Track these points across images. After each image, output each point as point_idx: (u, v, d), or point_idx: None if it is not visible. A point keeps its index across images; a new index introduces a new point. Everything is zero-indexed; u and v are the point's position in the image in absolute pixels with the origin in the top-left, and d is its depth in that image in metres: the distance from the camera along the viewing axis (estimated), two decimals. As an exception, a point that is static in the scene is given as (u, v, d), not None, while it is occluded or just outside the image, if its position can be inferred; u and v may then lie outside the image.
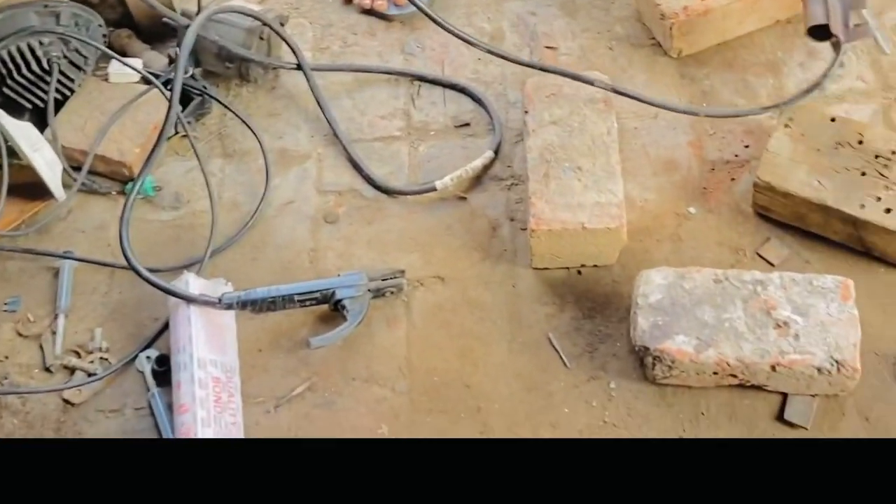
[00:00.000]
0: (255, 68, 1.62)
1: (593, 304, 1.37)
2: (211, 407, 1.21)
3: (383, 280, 1.39)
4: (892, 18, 1.59)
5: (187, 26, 1.51)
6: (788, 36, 1.59)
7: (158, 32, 1.67)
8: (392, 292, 1.39)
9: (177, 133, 1.57)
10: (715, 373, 1.26)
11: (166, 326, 1.37)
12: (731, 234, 1.41)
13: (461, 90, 1.61)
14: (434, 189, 1.49)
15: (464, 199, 1.49)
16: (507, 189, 1.49)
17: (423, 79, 1.63)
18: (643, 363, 1.28)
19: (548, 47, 1.65)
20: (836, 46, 1.43)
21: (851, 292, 1.27)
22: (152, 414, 1.31)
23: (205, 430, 1.18)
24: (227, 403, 1.25)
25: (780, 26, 1.61)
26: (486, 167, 1.52)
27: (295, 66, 1.59)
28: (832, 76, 1.45)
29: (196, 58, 1.61)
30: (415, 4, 1.56)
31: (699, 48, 1.60)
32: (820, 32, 1.39)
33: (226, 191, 1.53)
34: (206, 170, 1.51)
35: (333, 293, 1.37)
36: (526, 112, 1.49)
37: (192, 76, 1.61)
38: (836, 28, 1.37)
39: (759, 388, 1.26)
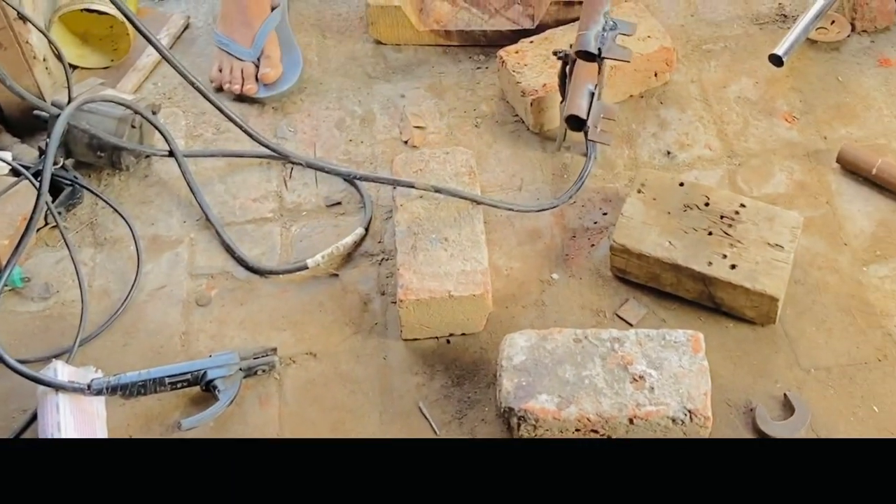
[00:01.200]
0: (127, 156, 1.64)
1: (462, 372, 1.40)
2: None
3: (255, 358, 1.40)
4: (734, 91, 1.70)
5: (58, 115, 1.54)
6: (641, 109, 1.69)
7: (29, 125, 1.68)
8: (264, 370, 1.40)
9: (47, 224, 1.58)
10: (577, 429, 1.29)
11: (34, 418, 1.36)
12: (592, 297, 1.47)
13: (332, 172, 1.66)
14: (306, 267, 1.51)
15: (335, 275, 1.52)
16: (377, 264, 1.53)
17: (295, 163, 1.67)
18: (509, 425, 1.31)
19: (416, 127, 1.71)
20: (587, 138, 1.56)
21: (702, 345, 1.32)
22: (17, 507, 1.28)
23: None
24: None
25: (633, 100, 1.70)
26: (357, 244, 1.55)
27: (167, 153, 1.62)
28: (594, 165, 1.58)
29: (67, 148, 1.63)
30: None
31: (559, 123, 1.68)
32: (575, 123, 1.52)
33: (97, 279, 1.53)
34: (77, 259, 1.51)
35: (205, 374, 1.37)
36: (394, 188, 1.54)
37: (63, 166, 1.62)
38: (590, 124, 1.52)
39: (620, 442, 1.30)
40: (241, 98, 1.76)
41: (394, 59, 1.81)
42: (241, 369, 1.39)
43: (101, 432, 1.34)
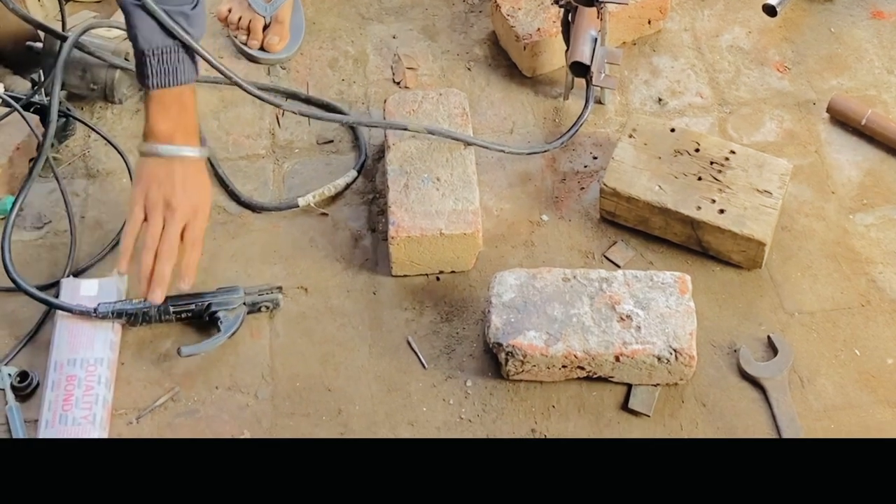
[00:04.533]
0: (120, 89, 1.63)
1: (451, 309, 1.42)
2: (59, 407, 1.22)
3: (259, 295, 1.41)
4: (727, 40, 1.71)
5: (63, 39, 1.53)
6: (634, 56, 1.69)
7: (21, 58, 1.67)
8: (268, 307, 1.41)
9: (39, 155, 1.58)
10: (564, 366, 1.31)
11: (28, 341, 1.39)
12: (581, 239, 1.48)
13: (325, 107, 1.66)
14: (296, 205, 1.52)
15: (325, 215, 1.53)
16: (368, 202, 1.54)
17: (293, 96, 1.67)
18: (497, 360, 1.33)
19: (409, 68, 1.71)
20: (588, 84, 1.58)
21: (688, 286, 1.35)
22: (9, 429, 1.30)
23: (47, 431, 1.18)
24: (79, 399, 1.25)
25: (626, 47, 1.70)
26: (349, 185, 1.56)
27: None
28: (592, 110, 1.60)
29: (61, 81, 1.62)
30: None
31: (552, 68, 1.68)
32: (579, 69, 1.54)
33: (89, 210, 1.53)
34: (70, 190, 1.52)
35: (209, 306, 1.39)
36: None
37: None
38: (593, 69, 1.54)
39: (605, 380, 1.33)
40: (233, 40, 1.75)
41: (387, 0, 1.81)
42: (245, 304, 1.40)
43: (101, 338, 1.35)
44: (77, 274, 1.46)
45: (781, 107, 1.61)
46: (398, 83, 1.69)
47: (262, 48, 1.74)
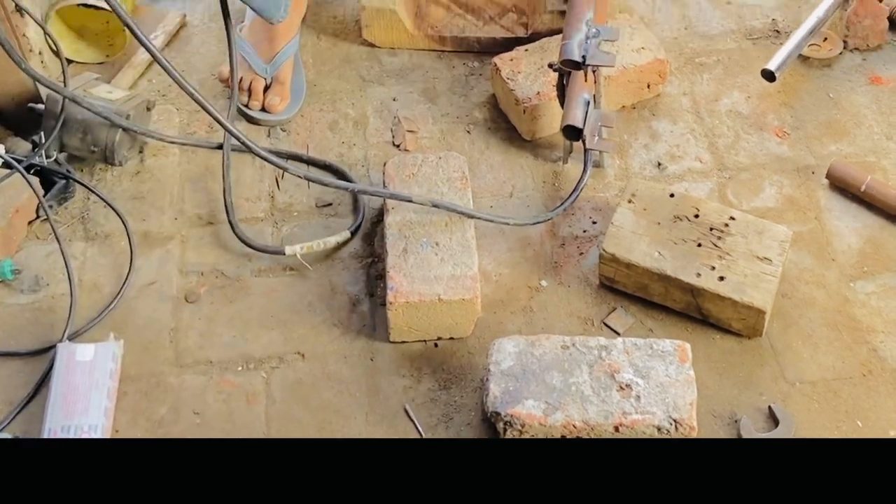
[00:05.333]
0: (121, 151, 1.64)
1: (449, 376, 1.41)
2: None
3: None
4: (726, 105, 1.72)
5: (64, 98, 1.54)
6: (633, 120, 1.70)
7: (23, 119, 1.67)
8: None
9: (38, 217, 1.58)
10: (563, 436, 1.30)
11: (23, 407, 1.38)
12: (580, 305, 1.48)
13: (327, 167, 1.66)
14: (282, 253, 1.52)
15: (307, 268, 1.52)
16: (367, 267, 1.53)
17: (294, 158, 1.67)
18: (496, 430, 1.32)
19: (409, 131, 1.71)
20: (585, 149, 1.57)
21: (688, 354, 1.33)
22: None
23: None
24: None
25: (626, 111, 1.71)
26: (340, 245, 1.56)
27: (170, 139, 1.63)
28: (591, 174, 1.60)
29: (61, 141, 1.63)
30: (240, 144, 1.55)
31: (552, 131, 1.69)
32: (572, 133, 1.52)
33: (87, 273, 1.53)
34: (68, 253, 1.51)
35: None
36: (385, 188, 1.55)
37: (56, 160, 1.62)
38: (586, 133, 1.52)
39: (605, 450, 1.31)
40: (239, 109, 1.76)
41: (388, 62, 1.82)
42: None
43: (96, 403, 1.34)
44: (73, 338, 1.45)
45: (781, 172, 1.61)
46: (398, 146, 1.70)
47: (262, 109, 1.75)
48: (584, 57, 1.50)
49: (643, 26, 1.76)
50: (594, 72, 1.56)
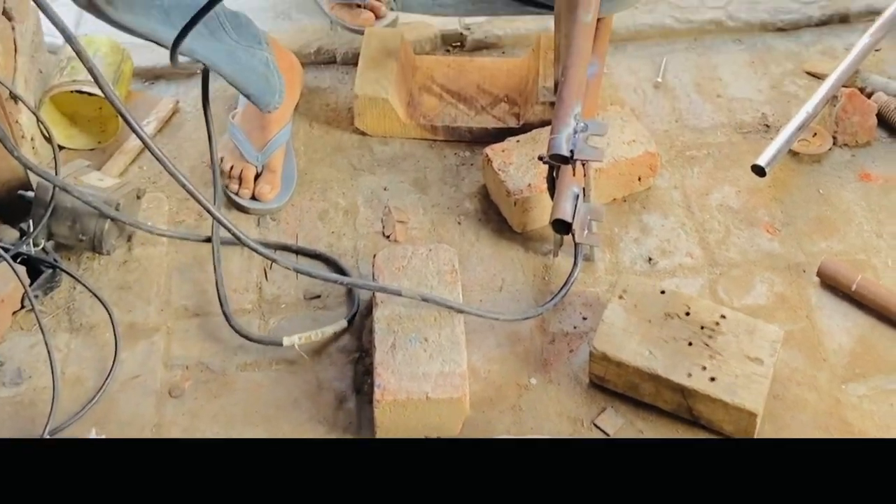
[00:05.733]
0: (109, 240, 1.63)
1: (436, 477, 1.38)
2: None
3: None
4: (716, 199, 1.72)
5: (55, 186, 1.54)
6: (624, 213, 1.70)
7: (13, 207, 1.67)
8: None
9: (23, 307, 1.57)
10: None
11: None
12: (570, 405, 1.46)
13: (317, 257, 1.66)
14: (280, 344, 1.51)
15: (305, 358, 1.51)
16: (354, 362, 1.52)
17: (283, 248, 1.67)
18: (482, 537, 1.29)
19: (399, 221, 1.71)
20: (575, 243, 1.57)
21: (679, 461, 1.31)
22: None
23: None
24: None
25: (616, 204, 1.71)
26: (337, 335, 1.54)
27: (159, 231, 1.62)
28: (581, 269, 1.60)
29: (49, 230, 1.62)
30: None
31: (542, 223, 1.68)
32: (561, 227, 1.49)
33: (70, 366, 1.51)
34: (52, 345, 1.49)
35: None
36: (374, 282, 1.54)
37: (44, 248, 1.61)
38: (576, 227, 1.49)
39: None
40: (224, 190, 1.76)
41: (379, 151, 1.83)
42: None
43: None
44: (54, 433, 1.43)
45: (772, 269, 1.61)
46: (388, 236, 1.69)
47: (253, 197, 1.74)
48: (572, 151, 1.50)
49: (634, 118, 1.76)
50: (583, 165, 1.56)
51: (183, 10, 1.48)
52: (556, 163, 1.53)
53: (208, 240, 1.62)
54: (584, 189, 1.56)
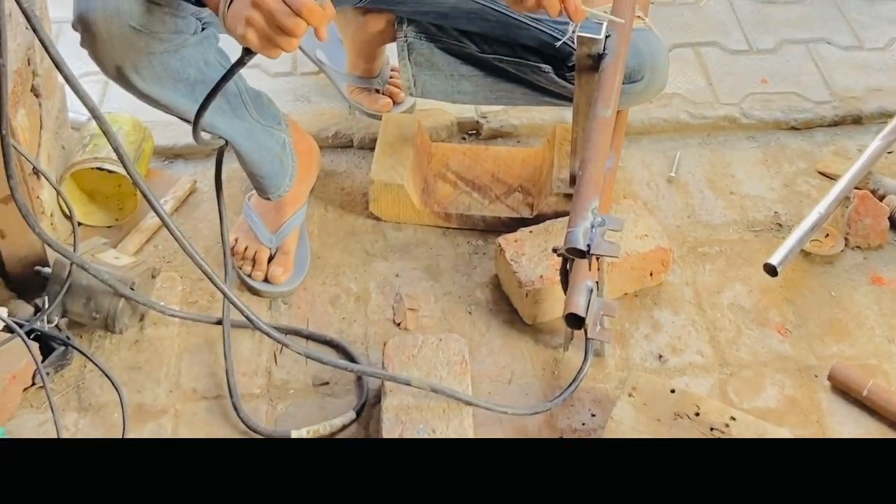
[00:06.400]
0: (122, 319, 1.64)
1: (439, 575, 1.36)
2: None
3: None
4: (728, 297, 1.72)
5: (72, 263, 1.55)
6: (635, 308, 1.70)
7: (29, 282, 1.68)
8: None
9: (34, 384, 1.57)
10: None
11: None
12: None
13: (328, 343, 1.66)
14: (289, 436, 1.51)
15: None
16: (361, 451, 1.51)
17: (293, 333, 1.67)
18: None
19: (410, 309, 1.72)
20: (587, 338, 1.56)
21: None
22: None
23: None
24: None
25: (627, 299, 1.71)
26: (345, 426, 1.54)
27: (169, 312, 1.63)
28: (591, 363, 1.60)
29: (64, 307, 1.63)
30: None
31: (554, 316, 1.69)
32: (574, 321, 1.48)
33: (77, 445, 1.51)
34: (61, 425, 1.49)
35: None
36: (384, 370, 1.54)
37: (57, 325, 1.62)
38: (588, 322, 1.48)
39: None
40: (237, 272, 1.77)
41: (393, 237, 1.84)
42: None
43: None
44: (57, 514, 1.42)
45: (783, 371, 1.60)
46: (398, 324, 1.70)
47: (266, 280, 1.76)
48: (588, 246, 1.51)
49: (647, 213, 1.78)
50: (598, 260, 1.57)
51: (208, 85, 1.51)
52: (573, 256, 1.54)
53: (219, 322, 1.62)
54: (597, 283, 1.57)
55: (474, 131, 2.06)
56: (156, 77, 1.46)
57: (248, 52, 1.26)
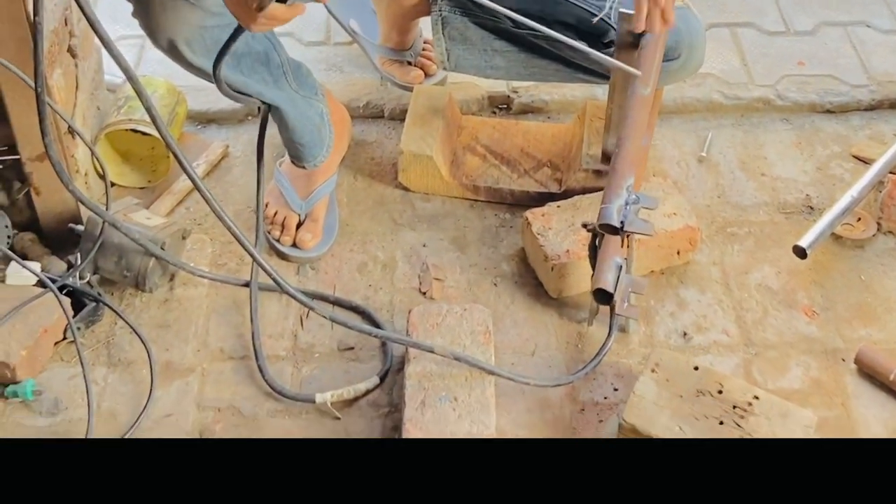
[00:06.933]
0: (153, 278, 1.66)
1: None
2: None
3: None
4: (755, 278, 1.71)
5: (104, 222, 1.56)
6: (661, 286, 1.70)
7: (63, 239, 1.71)
8: None
9: (65, 339, 1.59)
10: None
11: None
12: (596, 476, 1.45)
13: (353, 309, 1.67)
14: (313, 401, 1.52)
15: (338, 419, 1.51)
16: (384, 416, 1.53)
17: (320, 297, 1.69)
18: None
19: (436, 279, 1.72)
20: (612, 313, 1.57)
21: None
22: None
23: None
24: None
25: (654, 276, 1.71)
26: (369, 391, 1.55)
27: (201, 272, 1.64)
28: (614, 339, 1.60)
29: (95, 264, 1.66)
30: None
31: (579, 290, 1.69)
32: (603, 297, 1.50)
33: (105, 400, 1.53)
34: (90, 378, 1.52)
35: None
36: (408, 337, 1.55)
37: (89, 282, 1.65)
38: (617, 298, 1.50)
39: None
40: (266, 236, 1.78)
41: (421, 207, 1.85)
42: None
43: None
44: (83, 466, 1.45)
45: (809, 353, 1.59)
46: (424, 293, 1.70)
47: (294, 245, 1.77)
48: (622, 223, 1.51)
49: (676, 191, 1.77)
50: (629, 237, 1.57)
51: (253, 58, 1.55)
52: (606, 232, 1.54)
53: (247, 284, 1.64)
54: (626, 260, 1.57)
55: (505, 105, 2.05)
56: (205, 49, 1.48)
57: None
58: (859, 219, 1.77)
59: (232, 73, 1.52)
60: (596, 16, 1.67)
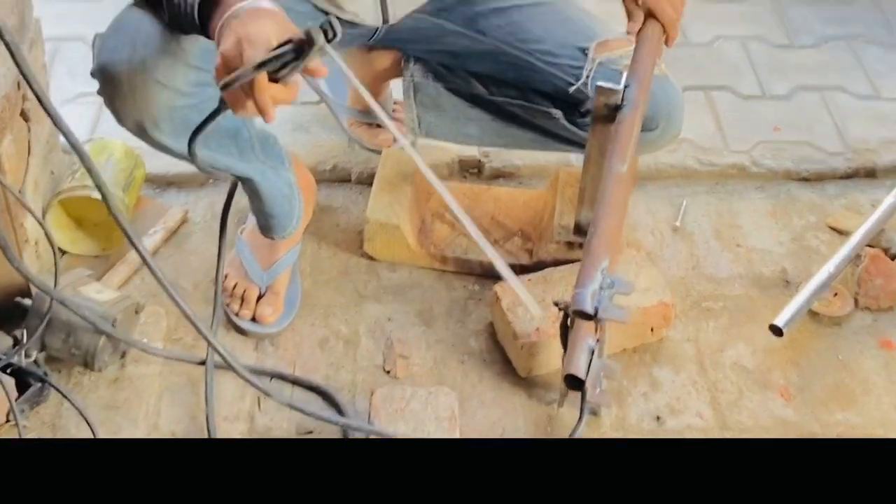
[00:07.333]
0: (102, 357, 1.58)
1: None
2: None
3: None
4: (730, 356, 1.66)
5: (52, 299, 1.49)
6: (634, 365, 1.64)
7: (9, 313, 1.63)
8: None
9: (7, 422, 1.51)
10: None
11: None
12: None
13: (314, 390, 1.60)
14: None
15: None
16: None
17: (279, 376, 1.62)
18: None
19: (401, 356, 1.66)
20: (583, 398, 1.49)
21: None
22: None
23: None
24: None
25: (626, 354, 1.65)
26: (327, 478, 1.48)
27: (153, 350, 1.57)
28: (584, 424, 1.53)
29: (42, 341, 1.58)
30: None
31: (549, 369, 1.63)
32: (574, 383, 1.43)
33: (47, 489, 1.45)
34: (31, 464, 1.44)
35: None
36: (370, 423, 1.48)
37: (35, 361, 1.57)
38: (588, 385, 1.43)
39: None
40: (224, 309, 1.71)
41: (387, 278, 1.78)
42: None
43: None
44: (22, 563, 1.36)
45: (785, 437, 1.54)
46: (388, 372, 1.64)
47: (253, 319, 1.70)
48: (596, 309, 1.44)
49: (650, 263, 1.72)
50: (597, 322, 1.51)
51: (221, 132, 1.49)
52: (579, 318, 1.48)
53: (203, 363, 1.57)
54: (598, 343, 1.51)
55: (476, 169, 2.00)
56: (173, 129, 1.42)
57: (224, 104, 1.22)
58: (836, 294, 1.72)
59: (200, 149, 1.46)
60: (573, 84, 1.63)
